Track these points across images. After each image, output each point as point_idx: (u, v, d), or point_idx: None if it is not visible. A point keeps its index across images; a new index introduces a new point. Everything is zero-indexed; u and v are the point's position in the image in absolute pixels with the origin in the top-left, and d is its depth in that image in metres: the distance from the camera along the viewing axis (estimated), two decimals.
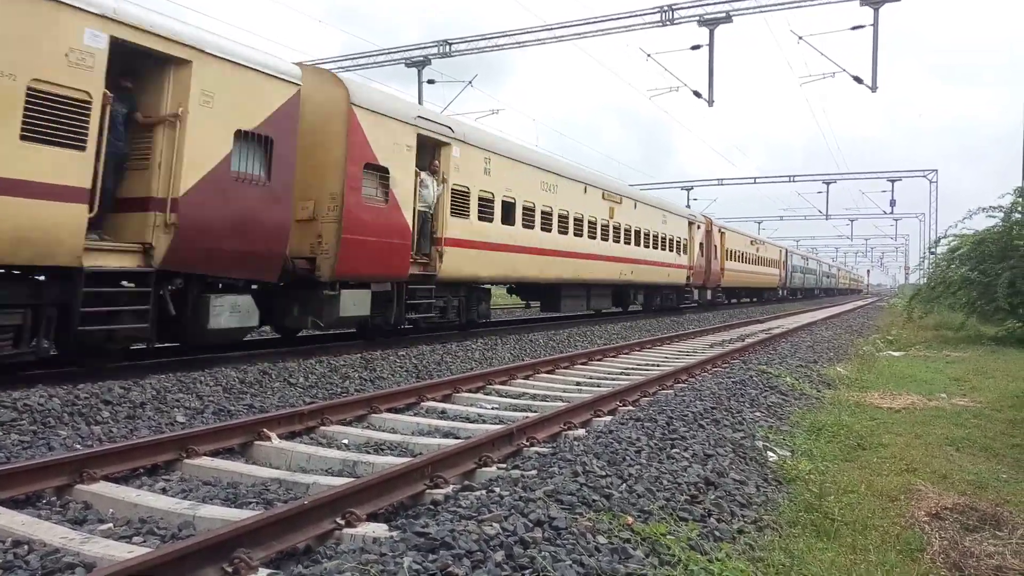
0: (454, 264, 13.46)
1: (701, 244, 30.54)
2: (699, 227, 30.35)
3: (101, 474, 4.64)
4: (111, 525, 4.04)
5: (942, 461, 6.04)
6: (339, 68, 23.27)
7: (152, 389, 7.38)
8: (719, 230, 34.43)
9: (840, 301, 60.14)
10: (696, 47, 20.66)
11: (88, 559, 3.43)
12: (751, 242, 41.36)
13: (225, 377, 8.33)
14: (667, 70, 22.56)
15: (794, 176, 49.70)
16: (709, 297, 32.68)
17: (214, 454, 5.44)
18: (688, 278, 28.78)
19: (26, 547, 3.57)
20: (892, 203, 46.03)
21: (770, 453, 5.88)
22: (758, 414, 7.38)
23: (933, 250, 25.09)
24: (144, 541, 3.81)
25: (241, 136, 9.03)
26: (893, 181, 45.35)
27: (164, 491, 4.67)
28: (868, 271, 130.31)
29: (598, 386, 9.46)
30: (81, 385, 7.11)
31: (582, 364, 11.44)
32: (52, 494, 4.43)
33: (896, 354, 15.43)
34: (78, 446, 5.61)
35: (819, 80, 23.07)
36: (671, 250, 26.69)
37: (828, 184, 49.23)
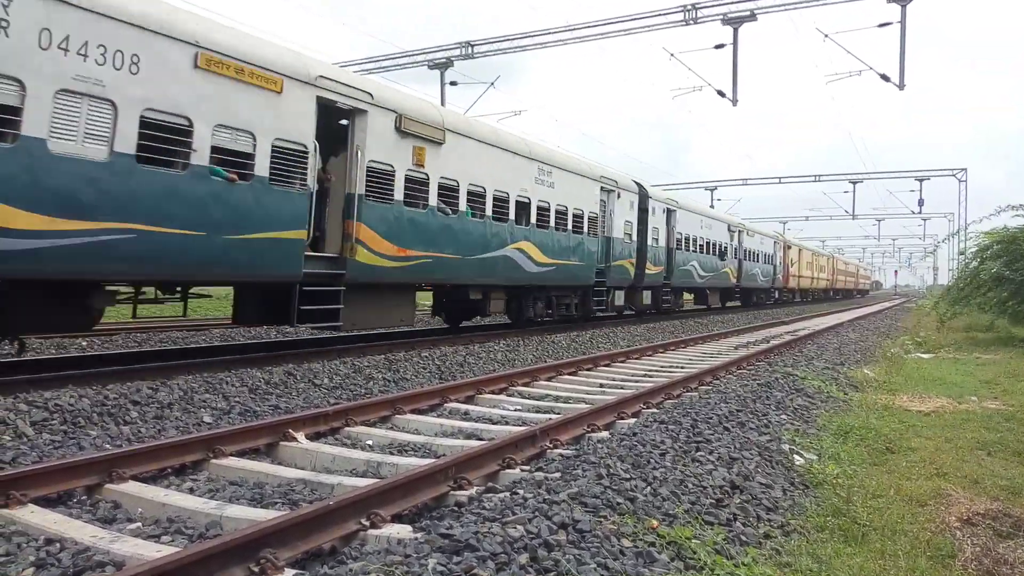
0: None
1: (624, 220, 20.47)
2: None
3: (130, 474, 4.71)
4: (140, 524, 4.10)
5: (973, 465, 5.93)
6: (363, 71, 23.43)
7: (179, 389, 7.48)
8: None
9: (850, 305, 51.90)
10: (720, 46, 20.51)
11: (117, 558, 3.47)
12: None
13: (251, 378, 8.42)
14: (691, 69, 22.44)
15: (819, 175, 49.04)
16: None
17: (240, 454, 5.49)
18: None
19: (58, 545, 3.63)
20: (920, 203, 45.33)
21: (797, 456, 5.82)
22: (784, 417, 7.30)
23: (962, 251, 24.65)
24: (172, 540, 3.85)
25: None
26: (921, 180, 44.64)
27: (192, 491, 4.73)
28: (896, 271, 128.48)
29: (621, 388, 9.41)
30: (110, 386, 7.22)
31: (605, 366, 11.39)
32: (83, 493, 4.49)
33: (925, 356, 15.19)
34: (107, 446, 5.69)
35: (845, 78, 22.79)
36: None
37: (854, 184, 48.55)
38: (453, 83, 25.34)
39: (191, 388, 7.61)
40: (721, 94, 21.35)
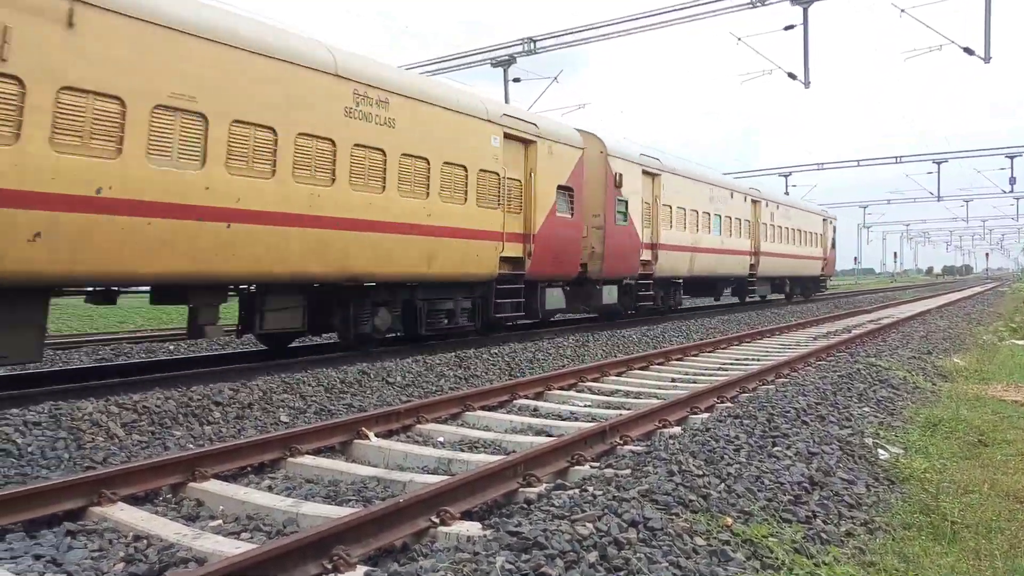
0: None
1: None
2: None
3: (212, 472, 4.88)
4: (221, 522, 4.24)
5: None
6: (429, 71, 23.69)
7: (259, 390, 7.72)
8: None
9: (938, 290, 48.33)
10: (790, 27, 19.84)
11: (200, 554, 3.60)
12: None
13: (327, 377, 8.61)
14: (759, 53, 21.78)
15: (901, 157, 46.87)
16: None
17: (316, 453, 5.63)
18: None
19: (145, 542, 3.80)
20: (1012, 181, 42.75)
21: (881, 451, 5.57)
22: (867, 409, 7.00)
23: None
24: (251, 538, 3.97)
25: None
26: (1012, 157, 42.10)
27: (270, 489, 4.87)
28: (987, 254, 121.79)
29: (694, 382, 9.22)
30: (194, 387, 7.51)
31: (677, 360, 11.19)
32: (168, 491, 4.69)
33: (1020, 343, 14.34)
34: (191, 445, 5.93)
35: (925, 54, 21.73)
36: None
37: (938, 164, 46.22)
38: (516, 79, 25.32)
39: (270, 388, 7.84)
40: (792, 77, 20.66)
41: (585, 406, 7.69)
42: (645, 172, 17.53)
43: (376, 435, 6.08)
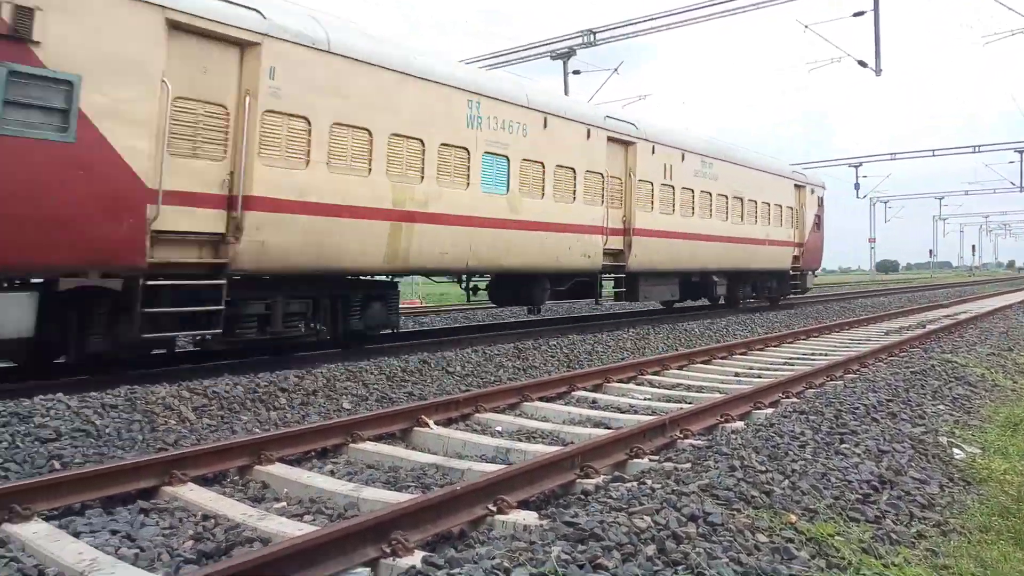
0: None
1: None
2: None
3: (277, 456, 5.01)
4: (285, 504, 4.36)
5: None
6: (487, 65, 23.71)
7: (323, 377, 7.89)
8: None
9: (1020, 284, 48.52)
10: (859, 13, 19.10)
11: (264, 535, 3.70)
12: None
13: (388, 366, 8.75)
14: (828, 41, 21.03)
15: (980, 146, 44.69)
16: None
17: (377, 439, 5.72)
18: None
19: (212, 521, 3.93)
20: None
21: (956, 450, 5.33)
22: (942, 407, 6.71)
23: None
24: (314, 520, 4.07)
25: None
26: None
27: (332, 473, 4.97)
28: None
29: (759, 377, 9.02)
30: (261, 374, 7.72)
31: (741, 354, 10.96)
32: (235, 473, 4.84)
33: None
34: (257, 430, 6.10)
35: (1007, 38, 20.61)
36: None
37: (1021, 153, 43.90)
38: (576, 72, 25.10)
39: (333, 376, 8.01)
40: (863, 64, 19.91)
41: (644, 399, 7.61)
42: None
43: (436, 423, 6.15)
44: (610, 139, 13.92)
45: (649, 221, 14.90)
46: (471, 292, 13.45)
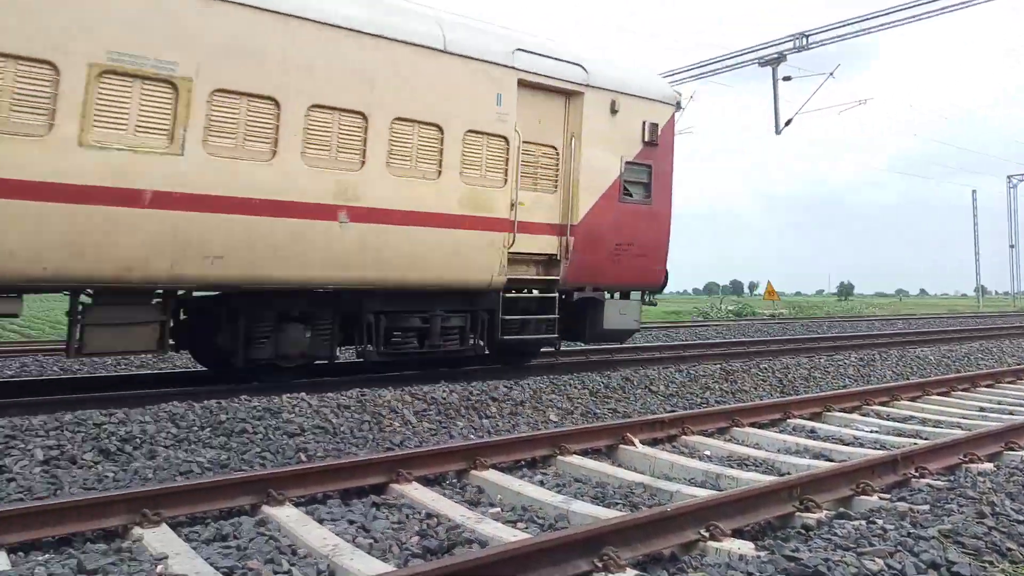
0: None
1: None
2: None
3: (490, 463, 5.25)
4: (499, 509, 4.55)
5: None
6: (690, 77, 23.28)
7: (529, 389, 8.15)
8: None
9: None
10: None
11: (482, 537, 3.89)
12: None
13: (591, 381, 8.84)
14: None
15: None
16: None
17: (583, 453, 5.79)
18: None
19: (435, 520, 4.20)
20: None
21: None
22: None
23: None
24: (526, 527, 4.20)
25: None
26: None
27: (541, 484, 5.10)
28: None
29: (1010, 413, 7.96)
30: (474, 383, 8.14)
31: (987, 386, 9.74)
32: (453, 476, 5.13)
33: None
34: (472, 436, 6.43)
35: None
36: None
37: None
38: (787, 78, 23.81)
39: (540, 388, 8.24)
40: None
41: (871, 431, 7.00)
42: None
43: (641, 442, 6.10)
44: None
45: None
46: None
